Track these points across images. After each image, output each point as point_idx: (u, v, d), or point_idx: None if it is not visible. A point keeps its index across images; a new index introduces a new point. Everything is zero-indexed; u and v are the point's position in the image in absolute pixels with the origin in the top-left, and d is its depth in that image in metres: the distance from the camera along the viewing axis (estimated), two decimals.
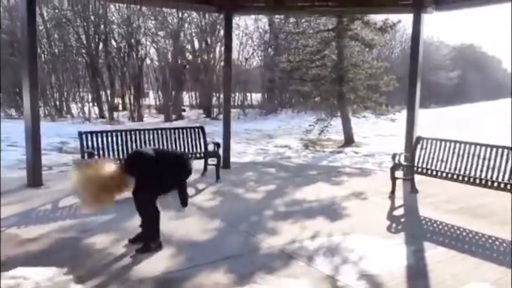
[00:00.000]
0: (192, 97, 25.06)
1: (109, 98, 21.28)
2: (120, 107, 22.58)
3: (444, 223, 5.30)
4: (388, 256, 4.30)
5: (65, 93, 21.56)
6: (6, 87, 19.61)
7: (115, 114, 20.40)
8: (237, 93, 24.71)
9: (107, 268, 3.91)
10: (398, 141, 8.78)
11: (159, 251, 4.27)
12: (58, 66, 20.93)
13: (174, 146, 7.23)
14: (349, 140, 13.25)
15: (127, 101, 21.90)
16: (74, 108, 21.05)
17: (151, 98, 24.43)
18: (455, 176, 6.01)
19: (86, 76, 21.88)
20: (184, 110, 23.23)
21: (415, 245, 4.60)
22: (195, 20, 22.12)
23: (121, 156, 6.81)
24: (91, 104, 21.52)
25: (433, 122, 17.65)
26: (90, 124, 17.84)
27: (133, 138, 7.03)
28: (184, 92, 24.29)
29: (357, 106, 13.19)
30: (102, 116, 20.71)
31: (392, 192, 6.51)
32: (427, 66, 29.22)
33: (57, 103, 21.13)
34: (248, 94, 25.32)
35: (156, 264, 4.00)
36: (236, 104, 24.41)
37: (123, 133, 7.01)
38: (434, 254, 4.38)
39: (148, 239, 4.32)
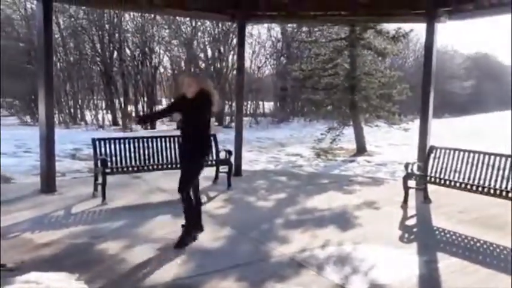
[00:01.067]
0: None
1: (122, 106, 21.51)
2: (134, 115, 22.80)
3: (457, 233, 5.23)
4: (399, 266, 4.26)
5: (79, 101, 21.86)
6: (23, 94, 19.98)
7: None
8: (249, 102, 24.81)
9: (118, 274, 3.94)
10: (411, 150, 8.71)
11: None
12: (73, 74, 21.26)
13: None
14: (361, 149, 13.18)
15: (140, 108, 22.11)
16: (88, 116, 21.32)
17: (164, 106, 24.60)
18: (468, 186, 5.93)
19: (100, 84, 22.17)
20: None
21: (427, 255, 4.54)
22: (208, 28, 22.32)
23: (133, 164, 6.88)
24: (105, 112, 21.77)
25: (447, 132, 17.47)
26: (103, 131, 18.05)
27: (145, 145, 7.09)
28: None
29: (369, 115, 13.15)
30: (115, 123, 20.92)
31: (405, 201, 6.44)
32: (440, 76, 29.03)
33: (72, 110, 21.43)
34: (260, 102, 25.41)
35: (167, 270, 4.01)
36: (248, 112, 24.50)
37: (136, 140, 7.07)
38: (447, 264, 4.32)
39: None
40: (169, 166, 7.16)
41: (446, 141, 9.25)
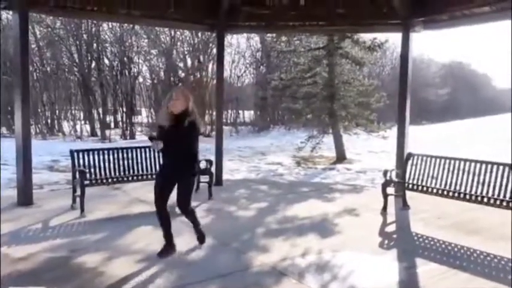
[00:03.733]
0: None
1: (101, 116, 21.27)
2: (112, 125, 22.59)
3: (436, 239, 5.32)
4: (379, 272, 4.31)
5: (57, 111, 21.53)
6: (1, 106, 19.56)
7: (107, 132, 20.35)
8: (229, 111, 24.84)
9: (97, 287, 3.87)
10: (390, 157, 8.85)
11: None
12: (50, 84, 20.94)
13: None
14: (341, 157, 13.32)
15: (119, 119, 21.91)
16: (66, 127, 21.01)
17: (143, 116, 24.45)
18: (445, 192, 6.06)
19: (78, 94, 21.89)
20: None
21: (406, 261, 4.61)
22: (188, 38, 22.32)
23: (112, 174, 6.82)
24: (83, 122, 21.49)
25: (427, 138, 17.77)
26: (81, 142, 17.80)
27: (124, 156, 7.02)
28: None
29: (348, 123, 13.31)
30: (93, 134, 20.67)
31: (384, 208, 6.53)
32: (417, 84, 29.56)
33: (49, 121, 21.08)
34: (240, 111, 25.44)
35: (147, 283, 3.97)
36: (228, 121, 24.52)
37: (115, 151, 7.00)
38: (426, 270, 4.39)
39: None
40: (150, 177, 7.10)
41: (425, 147, 9.39)
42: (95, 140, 18.92)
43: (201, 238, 4.95)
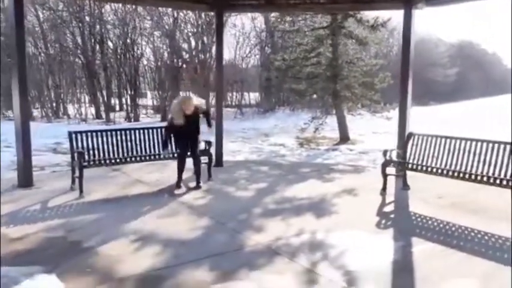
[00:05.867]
0: None
1: (105, 99, 21.27)
2: (117, 108, 22.59)
3: (434, 218, 5.28)
4: (374, 251, 4.28)
5: (62, 95, 21.55)
6: (5, 89, 19.58)
7: (112, 115, 20.38)
8: (234, 93, 24.70)
9: (92, 266, 3.89)
10: (393, 138, 8.73)
11: None
12: (54, 67, 20.92)
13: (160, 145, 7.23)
14: (344, 138, 13.22)
15: (124, 101, 21.91)
16: (71, 109, 21.04)
17: (148, 98, 24.41)
18: (446, 172, 5.98)
19: (82, 77, 21.87)
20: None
21: (403, 240, 4.58)
22: (191, 19, 22.09)
23: (111, 156, 6.83)
24: (88, 105, 21.51)
25: (434, 118, 17.57)
26: (86, 125, 17.83)
27: (123, 137, 7.02)
28: (182, 92, 24.27)
29: (352, 103, 13.18)
30: (98, 116, 20.70)
31: (384, 188, 6.48)
32: (424, 63, 29.23)
33: (54, 104, 21.12)
34: (246, 93, 25.29)
35: (142, 261, 3.99)
36: (234, 103, 24.40)
37: (113, 132, 7.00)
38: (422, 249, 4.36)
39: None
40: (149, 158, 7.11)
41: (431, 127, 9.25)
42: (100, 123, 18.94)
43: (197, 184, 6.73)
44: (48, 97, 21.03)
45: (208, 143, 7.38)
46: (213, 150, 7.68)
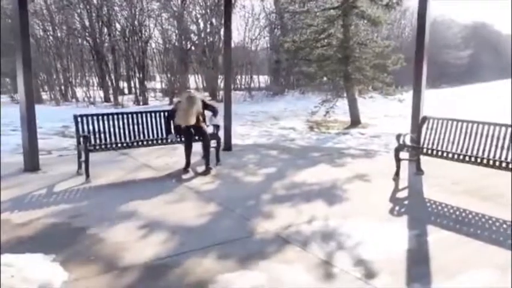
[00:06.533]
0: (198, 79, 24.80)
1: (113, 82, 21.13)
2: (126, 91, 22.46)
3: (449, 205, 5.09)
4: (388, 240, 4.12)
5: (70, 78, 21.46)
6: (14, 72, 19.51)
7: (121, 98, 20.26)
8: (243, 76, 24.40)
9: (96, 254, 3.79)
10: (406, 121, 8.50)
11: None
12: (62, 50, 20.78)
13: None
14: (355, 121, 12.98)
15: (132, 84, 21.75)
16: (80, 92, 20.95)
17: (157, 81, 24.22)
18: (461, 157, 5.77)
19: (90, 60, 21.72)
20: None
21: (417, 228, 4.41)
22: (199, 1, 21.75)
23: (118, 140, 6.71)
24: (97, 88, 21.39)
25: (445, 102, 17.23)
26: (94, 108, 17.74)
27: (130, 121, 6.88)
28: (191, 74, 24.06)
29: (363, 86, 12.89)
30: (107, 99, 20.59)
31: (397, 174, 6.28)
32: (437, 45, 28.56)
33: (63, 87, 21.05)
34: (255, 76, 24.98)
35: (147, 249, 3.87)
36: (243, 86, 24.11)
37: (119, 116, 6.86)
38: (438, 238, 4.19)
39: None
40: (156, 142, 6.97)
41: (443, 111, 9.00)
42: (108, 106, 18.84)
43: (206, 169, 6.55)
44: (57, 80, 20.95)
45: (217, 126, 7.21)
46: (221, 134, 7.53)
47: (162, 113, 7.13)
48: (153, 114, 7.10)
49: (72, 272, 3.45)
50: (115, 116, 6.82)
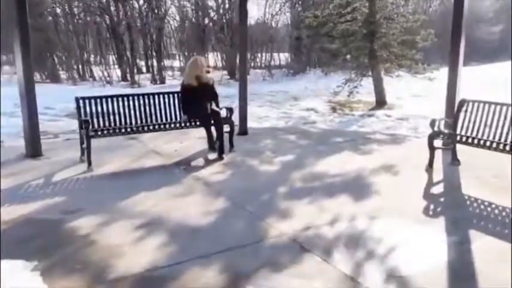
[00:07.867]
0: (217, 57, 24.12)
1: (130, 61, 20.66)
2: (144, 70, 21.98)
3: (493, 204, 4.40)
4: (424, 248, 3.50)
5: (87, 56, 21.08)
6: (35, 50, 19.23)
7: (137, 77, 19.81)
8: (263, 53, 23.59)
9: (83, 260, 3.29)
10: (436, 103, 7.75)
11: None
12: (79, 28, 20.36)
13: (178, 111, 6.55)
14: (381, 102, 12.19)
15: (150, 63, 21.24)
16: (97, 71, 20.57)
17: (177, 59, 23.66)
18: (507, 147, 5.04)
19: (107, 38, 21.26)
20: (208, 72, 22.30)
21: (457, 233, 3.75)
22: None
23: (123, 123, 6.21)
24: (114, 67, 20.98)
25: (478, 81, 16.18)
26: (111, 87, 17.33)
27: (136, 103, 6.35)
28: (210, 52, 23.40)
29: (390, 64, 12.05)
30: (124, 78, 20.16)
31: (430, 164, 5.60)
32: (468, 20, 27.08)
33: (80, 66, 20.70)
34: (275, 54, 24.14)
35: (143, 256, 3.35)
36: (263, 64, 23.33)
37: (125, 98, 6.34)
38: (483, 245, 3.55)
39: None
40: (164, 126, 6.42)
41: (474, 92, 8.16)
42: (124, 85, 18.40)
43: (219, 156, 6.09)
44: (74, 59, 20.60)
45: (230, 109, 6.63)
46: (236, 117, 6.96)
47: (170, 95, 6.59)
48: (161, 96, 6.57)
49: (51, 284, 2.97)
50: (119, 98, 6.30)
